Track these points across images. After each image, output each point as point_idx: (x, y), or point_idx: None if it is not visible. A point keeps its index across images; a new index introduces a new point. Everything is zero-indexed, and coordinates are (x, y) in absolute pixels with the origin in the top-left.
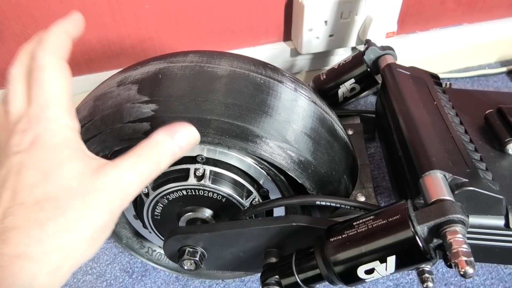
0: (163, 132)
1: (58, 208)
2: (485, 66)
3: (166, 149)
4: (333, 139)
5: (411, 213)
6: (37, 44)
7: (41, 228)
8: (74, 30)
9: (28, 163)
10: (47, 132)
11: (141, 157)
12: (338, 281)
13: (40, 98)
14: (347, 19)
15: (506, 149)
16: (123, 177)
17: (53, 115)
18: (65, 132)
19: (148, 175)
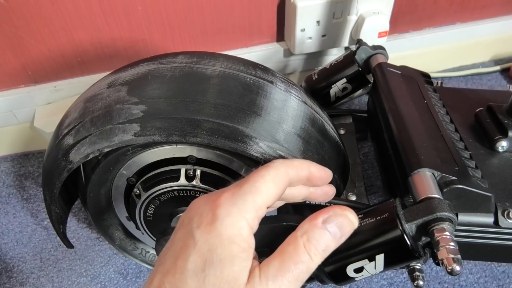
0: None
1: None
2: (478, 65)
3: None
4: (323, 139)
5: (399, 211)
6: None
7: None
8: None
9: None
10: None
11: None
12: (328, 280)
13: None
14: (339, 19)
15: (495, 147)
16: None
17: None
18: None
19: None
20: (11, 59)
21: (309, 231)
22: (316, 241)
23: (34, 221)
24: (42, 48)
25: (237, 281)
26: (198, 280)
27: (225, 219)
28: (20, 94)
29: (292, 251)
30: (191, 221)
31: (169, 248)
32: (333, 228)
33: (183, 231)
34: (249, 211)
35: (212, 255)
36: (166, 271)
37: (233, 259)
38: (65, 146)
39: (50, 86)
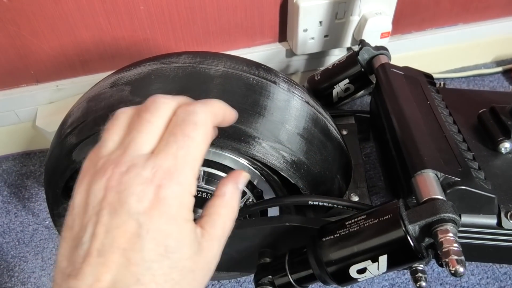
0: (231, 184)
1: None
2: (480, 66)
3: (236, 199)
4: (326, 139)
5: (402, 212)
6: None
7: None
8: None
9: (148, 231)
10: (172, 197)
11: (224, 218)
12: (330, 281)
13: (180, 154)
14: (342, 20)
15: (498, 148)
16: (217, 248)
17: (185, 180)
18: (187, 202)
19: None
20: (13, 58)
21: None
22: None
23: (35, 221)
24: (44, 47)
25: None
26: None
27: (172, 200)
28: (22, 93)
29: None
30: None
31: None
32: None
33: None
34: (192, 183)
35: (169, 240)
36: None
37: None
38: (68, 145)
39: (52, 85)
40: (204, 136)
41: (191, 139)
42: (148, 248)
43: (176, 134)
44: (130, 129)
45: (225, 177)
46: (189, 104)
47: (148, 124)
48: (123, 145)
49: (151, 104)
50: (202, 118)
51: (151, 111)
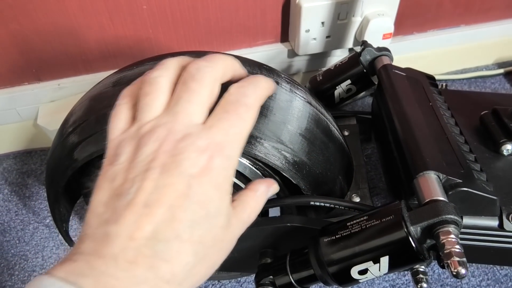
0: (264, 186)
1: (206, 255)
2: (482, 68)
3: (263, 200)
4: (328, 140)
5: (404, 213)
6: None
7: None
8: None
9: (196, 194)
10: (221, 168)
11: (251, 209)
12: (332, 281)
13: (232, 132)
14: (344, 21)
15: (501, 150)
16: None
17: (233, 155)
18: (230, 176)
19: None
20: (15, 56)
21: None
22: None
23: (36, 219)
24: (46, 45)
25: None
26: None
27: (220, 171)
28: (24, 91)
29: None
30: (181, 167)
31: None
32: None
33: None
34: (236, 160)
35: (211, 205)
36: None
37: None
38: (70, 144)
39: (54, 84)
40: (253, 118)
41: (242, 119)
42: (193, 209)
43: (229, 112)
44: (177, 97)
45: (260, 179)
46: (242, 85)
47: (196, 95)
48: (172, 112)
49: (197, 72)
50: (253, 101)
51: (198, 81)
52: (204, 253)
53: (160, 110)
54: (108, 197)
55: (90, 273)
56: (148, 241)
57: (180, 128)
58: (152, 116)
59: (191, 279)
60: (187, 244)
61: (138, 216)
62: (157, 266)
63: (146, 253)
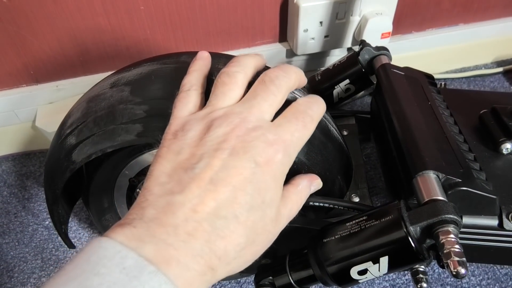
0: (306, 181)
1: (254, 241)
2: (481, 67)
3: (305, 195)
4: (327, 140)
5: (403, 213)
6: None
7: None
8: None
9: (258, 181)
10: (282, 163)
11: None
12: (331, 282)
13: (296, 135)
14: (342, 20)
15: (500, 149)
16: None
17: (292, 155)
18: (285, 173)
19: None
20: (13, 58)
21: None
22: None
23: (35, 221)
24: (44, 47)
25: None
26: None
27: (281, 166)
28: (22, 93)
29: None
30: (249, 154)
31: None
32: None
33: (240, 161)
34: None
35: (268, 195)
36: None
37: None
38: (68, 146)
39: (52, 85)
40: (313, 129)
41: (306, 128)
42: (253, 195)
43: (298, 118)
44: (255, 94)
45: (302, 174)
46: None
47: (272, 97)
48: (247, 105)
49: (276, 79)
50: (317, 116)
51: (277, 86)
52: (254, 238)
53: (233, 101)
54: (172, 169)
55: (150, 240)
56: (209, 216)
57: (253, 119)
58: (225, 104)
59: (238, 260)
60: (242, 226)
61: (203, 190)
62: (213, 241)
63: (205, 227)
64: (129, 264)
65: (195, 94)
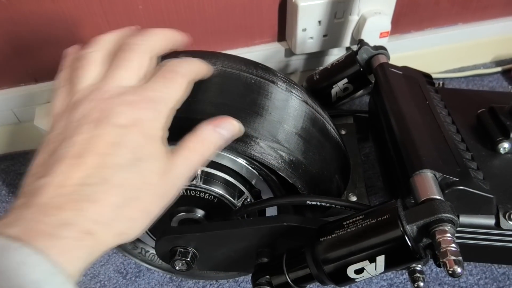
0: (208, 125)
1: (135, 198)
2: (480, 66)
3: (211, 141)
4: (324, 139)
5: (400, 212)
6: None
7: (114, 211)
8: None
9: (126, 141)
10: (150, 119)
11: (191, 151)
12: (328, 281)
13: (164, 91)
14: (341, 19)
15: (497, 149)
16: (180, 175)
17: (163, 109)
18: (163, 129)
19: (196, 167)
20: (11, 57)
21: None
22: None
23: None
24: (42, 46)
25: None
26: (130, 172)
27: (149, 122)
28: (21, 92)
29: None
30: (112, 119)
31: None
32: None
33: (104, 129)
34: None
35: (141, 151)
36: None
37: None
38: None
39: (51, 84)
40: (184, 85)
41: (175, 83)
42: (122, 154)
43: (165, 77)
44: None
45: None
46: (179, 60)
47: (127, 62)
48: (104, 79)
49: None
50: (187, 72)
51: (131, 51)
52: (133, 195)
53: (94, 81)
54: (42, 159)
55: (17, 223)
56: (77, 187)
57: (110, 88)
58: (84, 86)
59: (121, 220)
60: (114, 187)
61: (69, 166)
62: (85, 208)
63: (74, 197)
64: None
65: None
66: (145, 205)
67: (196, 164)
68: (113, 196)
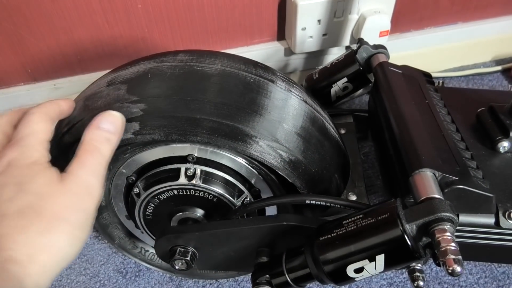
0: (89, 128)
1: (37, 213)
2: (480, 65)
3: (99, 139)
4: (324, 138)
5: (400, 211)
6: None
7: (25, 232)
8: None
9: (5, 181)
10: (22, 155)
11: (84, 155)
12: (328, 280)
13: (22, 131)
14: (340, 18)
15: (497, 148)
16: (86, 177)
17: (30, 143)
18: (38, 155)
19: (99, 166)
20: (10, 57)
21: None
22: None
23: None
24: (41, 46)
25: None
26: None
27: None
28: (20, 92)
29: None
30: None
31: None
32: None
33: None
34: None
35: (22, 178)
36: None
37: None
38: (65, 144)
39: (50, 84)
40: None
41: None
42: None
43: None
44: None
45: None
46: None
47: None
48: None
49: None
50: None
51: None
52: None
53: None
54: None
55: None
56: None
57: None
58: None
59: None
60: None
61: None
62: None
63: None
64: None
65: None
66: (60, 208)
67: (96, 164)
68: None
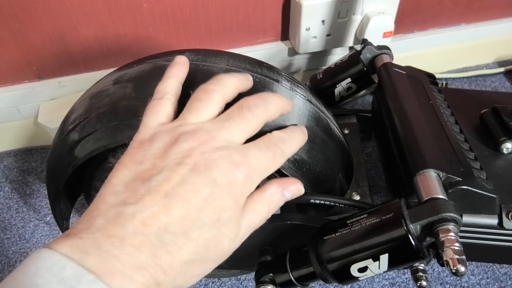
0: (276, 186)
1: (204, 259)
2: (482, 67)
3: (277, 204)
4: (328, 138)
5: (404, 211)
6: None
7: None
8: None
9: (214, 200)
10: (243, 186)
11: (256, 213)
12: (331, 279)
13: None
14: (344, 19)
15: (500, 149)
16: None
17: (255, 180)
18: (247, 195)
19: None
20: (15, 55)
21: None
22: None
23: (37, 217)
24: (47, 43)
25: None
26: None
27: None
28: (25, 89)
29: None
30: (210, 172)
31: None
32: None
33: (200, 177)
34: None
35: (225, 214)
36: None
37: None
38: (70, 142)
39: (55, 82)
40: (282, 162)
41: (275, 159)
42: (207, 212)
43: (268, 148)
44: (228, 116)
45: (276, 178)
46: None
47: (246, 123)
48: (218, 125)
49: (254, 107)
50: (288, 152)
51: (253, 113)
52: (204, 256)
53: (206, 119)
54: (131, 178)
55: (94, 251)
56: (158, 230)
57: (221, 139)
58: (197, 120)
59: (184, 276)
60: (191, 243)
61: (156, 204)
62: (159, 256)
63: (152, 241)
64: (68, 274)
65: (167, 103)
66: (208, 267)
67: (256, 227)
68: (187, 253)
